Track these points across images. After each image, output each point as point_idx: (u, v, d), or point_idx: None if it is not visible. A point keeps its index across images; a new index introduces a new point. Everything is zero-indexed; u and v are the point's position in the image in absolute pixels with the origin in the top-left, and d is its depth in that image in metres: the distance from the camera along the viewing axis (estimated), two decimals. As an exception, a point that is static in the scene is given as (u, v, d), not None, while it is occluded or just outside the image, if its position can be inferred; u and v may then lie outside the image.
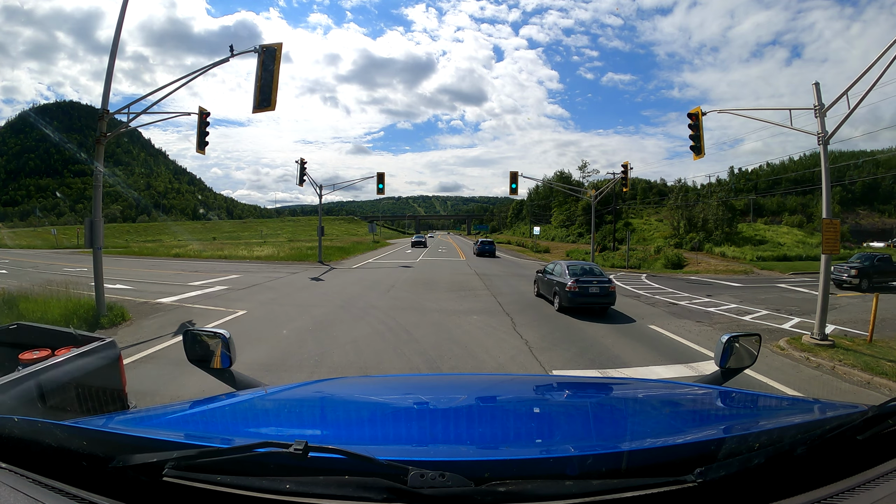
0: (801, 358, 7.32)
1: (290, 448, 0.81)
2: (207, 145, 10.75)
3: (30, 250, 42.26)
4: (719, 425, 1.41)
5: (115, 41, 9.56)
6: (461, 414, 1.53)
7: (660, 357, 7.04)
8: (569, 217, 62.32)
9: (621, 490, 0.80)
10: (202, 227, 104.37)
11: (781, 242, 40.43)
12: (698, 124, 10.81)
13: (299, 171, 22.43)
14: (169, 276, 18.46)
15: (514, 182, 23.45)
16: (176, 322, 9.05)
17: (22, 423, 0.96)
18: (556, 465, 0.88)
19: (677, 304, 12.66)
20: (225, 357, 1.71)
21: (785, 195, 62.91)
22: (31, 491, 0.83)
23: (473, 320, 9.53)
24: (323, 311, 10.49)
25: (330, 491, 0.80)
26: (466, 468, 0.83)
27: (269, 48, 8.43)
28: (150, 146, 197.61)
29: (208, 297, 12.60)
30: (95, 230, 9.53)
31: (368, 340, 7.64)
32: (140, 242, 58.43)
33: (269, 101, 8.54)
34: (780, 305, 12.81)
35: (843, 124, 8.12)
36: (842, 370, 6.67)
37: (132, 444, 0.93)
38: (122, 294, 12.63)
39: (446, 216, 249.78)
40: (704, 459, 0.86)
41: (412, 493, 0.78)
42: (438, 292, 14.13)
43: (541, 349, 7.26)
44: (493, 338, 8.04)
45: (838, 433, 0.92)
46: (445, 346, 7.29)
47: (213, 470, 0.83)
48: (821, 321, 8.01)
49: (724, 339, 1.74)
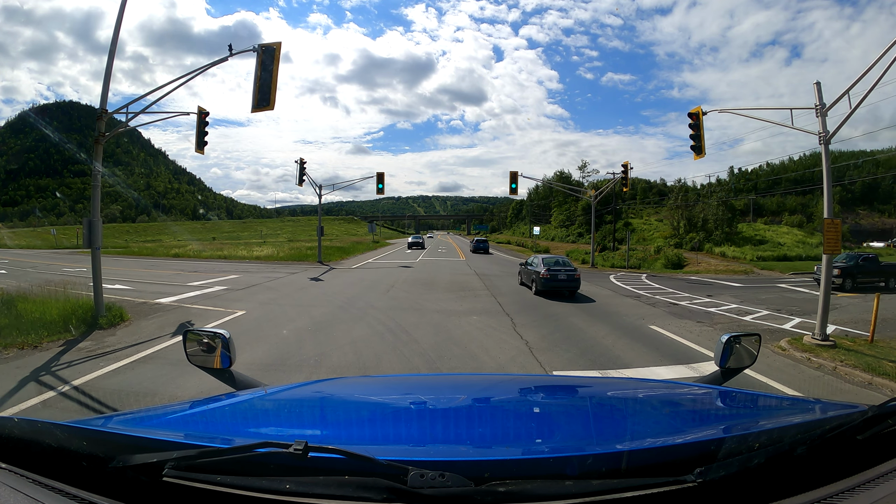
0: (802, 358, 7.28)
1: (290, 448, 0.81)
2: (206, 145, 10.74)
3: (29, 250, 42.23)
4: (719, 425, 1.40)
5: (114, 41, 9.51)
6: (461, 414, 1.53)
7: (661, 358, 7.00)
8: (568, 217, 62.33)
9: (621, 490, 0.80)
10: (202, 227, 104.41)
11: (781, 242, 40.43)
12: (699, 124, 10.78)
13: (299, 171, 22.42)
14: (168, 276, 18.43)
15: (514, 182, 23.47)
16: (175, 322, 9.02)
17: (22, 423, 0.96)
18: (556, 465, 0.88)
19: (678, 305, 12.62)
20: (225, 357, 1.71)
21: (785, 195, 62.92)
22: (31, 491, 0.83)
23: (473, 321, 9.50)
24: (322, 311, 10.46)
25: (330, 491, 0.80)
26: (466, 468, 0.83)
27: (268, 47, 8.39)
28: (150, 146, 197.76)
29: (207, 297, 12.57)
30: (94, 230, 9.48)
31: (368, 341, 7.60)
32: (139, 242, 58.42)
33: (268, 100, 8.50)
34: (781, 306, 12.79)
35: (844, 124, 8.10)
36: (843, 371, 6.64)
37: (132, 444, 0.93)
38: (121, 294, 12.60)
39: (446, 216, 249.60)
40: (704, 459, 0.86)
41: (412, 493, 0.78)
42: (438, 292, 14.10)
43: (541, 350, 7.22)
44: (493, 338, 8.01)
45: (838, 433, 0.92)
46: (445, 347, 7.26)
47: (213, 470, 0.83)
48: (822, 322, 7.97)
49: (723, 339, 1.74)
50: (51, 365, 6.08)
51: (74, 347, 7.09)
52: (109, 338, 7.80)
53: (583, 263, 30.00)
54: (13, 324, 7.55)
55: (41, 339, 7.22)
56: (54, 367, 5.98)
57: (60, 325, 7.93)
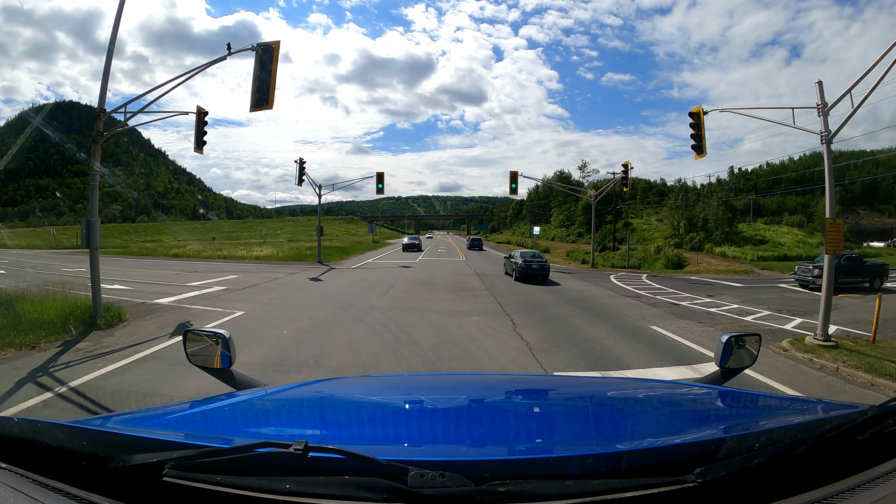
0: (803, 359, 7.25)
1: (290, 448, 0.81)
2: (205, 144, 10.70)
3: (29, 250, 42.20)
4: (719, 425, 1.40)
5: (112, 40, 9.46)
6: (461, 414, 1.53)
7: (663, 358, 6.96)
8: (568, 217, 62.34)
9: (621, 490, 0.80)
10: (202, 227, 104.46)
11: (782, 242, 40.42)
12: (700, 123, 10.75)
13: (298, 171, 22.37)
14: (167, 276, 18.38)
15: (514, 182, 23.44)
16: (174, 323, 8.99)
17: (22, 422, 0.97)
18: (556, 464, 0.89)
19: (679, 305, 12.58)
20: (225, 357, 1.71)
21: (784, 195, 62.91)
22: (31, 491, 0.83)
23: (473, 321, 9.45)
24: (321, 311, 10.42)
25: (330, 491, 0.80)
26: (466, 468, 0.83)
27: (266, 46, 8.33)
28: (150, 146, 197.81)
29: (206, 297, 12.53)
30: (92, 230, 9.44)
31: (367, 342, 7.56)
32: (139, 242, 58.40)
33: (267, 99, 8.45)
34: (782, 306, 12.75)
35: (846, 123, 8.06)
36: (846, 371, 6.60)
37: (132, 444, 0.93)
38: (120, 294, 12.58)
39: (446, 216, 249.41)
40: (704, 459, 0.86)
41: (412, 493, 0.78)
42: (438, 293, 14.05)
43: (542, 351, 7.18)
44: (493, 339, 7.96)
45: (838, 433, 0.92)
46: (445, 348, 7.21)
47: (213, 470, 0.83)
48: (824, 322, 7.93)
49: (723, 340, 1.74)
50: (48, 366, 6.05)
51: (72, 348, 7.06)
52: (107, 338, 7.77)
53: (583, 263, 29.99)
54: (11, 324, 7.51)
55: (39, 339, 7.18)
56: (52, 368, 5.94)
57: (59, 326, 7.89)
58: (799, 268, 18.70)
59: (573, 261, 32.59)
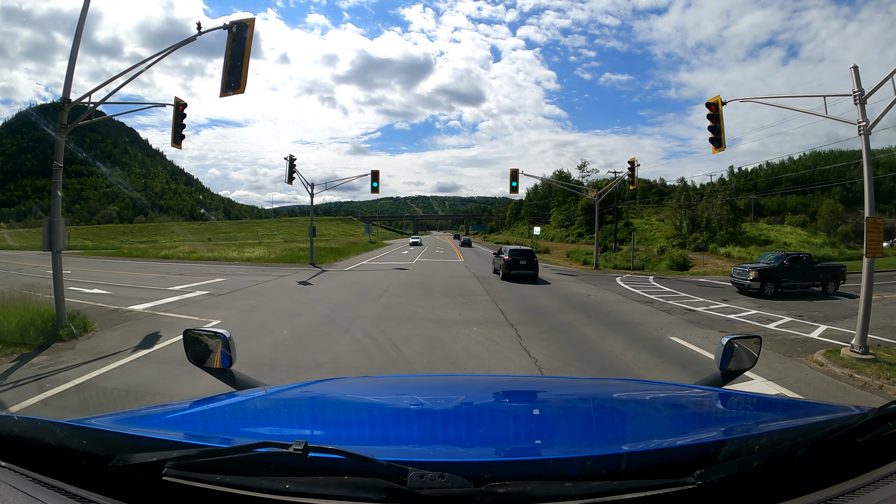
0: (843, 375, 6.48)
1: (290, 448, 0.80)
2: (184, 139, 10.03)
3: (23, 251, 41.12)
4: (719, 427, 1.39)
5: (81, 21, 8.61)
6: (461, 415, 1.51)
7: (688, 377, 6.09)
8: (568, 217, 61.81)
9: (621, 492, 0.79)
10: (199, 227, 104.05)
11: (787, 242, 39.76)
12: (718, 115, 9.88)
13: (288, 169, 21.47)
14: (151, 279, 17.56)
15: (515, 180, 22.62)
16: (141, 334, 8.16)
17: (22, 421, 0.96)
18: (555, 466, 0.88)
19: (694, 311, 11.70)
20: (225, 357, 1.69)
21: (785, 195, 62.35)
22: (31, 490, 0.83)
23: (473, 332, 8.56)
24: (304, 321, 9.55)
25: (329, 491, 0.79)
26: (466, 469, 0.82)
27: (240, 23, 7.48)
28: (148, 146, 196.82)
29: (185, 303, 11.66)
30: (55, 232, 8.67)
31: (350, 359, 6.72)
32: (135, 243, 57.70)
33: (239, 82, 7.58)
34: (802, 311, 11.96)
35: (889, 110, 7.26)
36: (892, 390, 5.85)
37: (132, 444, 0.91)
38: (97, 300, 11.92)
39: (444, 216, 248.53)
40: (704, 461, 0.84)
41: (412, 493, 0.77)
42: (434, 298, 13.15)
43: (553, 371, 6.30)
44: (496, 355, 7.08)
45: (838, 435, 0.89)
46: (440, 367, 6.36)
47: (212, 470, 0.82)
48: (862, 332, 7.13)
49: (724, 341, 1.73)
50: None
51: (27, 363, 6.39)
52: (67, 352, 7.07)
53: (584, 265, 29.19)
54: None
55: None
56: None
57: (17, 336, 7.24)
58: (736, 269, 16.45)
59: (574, 262, 31.79)
